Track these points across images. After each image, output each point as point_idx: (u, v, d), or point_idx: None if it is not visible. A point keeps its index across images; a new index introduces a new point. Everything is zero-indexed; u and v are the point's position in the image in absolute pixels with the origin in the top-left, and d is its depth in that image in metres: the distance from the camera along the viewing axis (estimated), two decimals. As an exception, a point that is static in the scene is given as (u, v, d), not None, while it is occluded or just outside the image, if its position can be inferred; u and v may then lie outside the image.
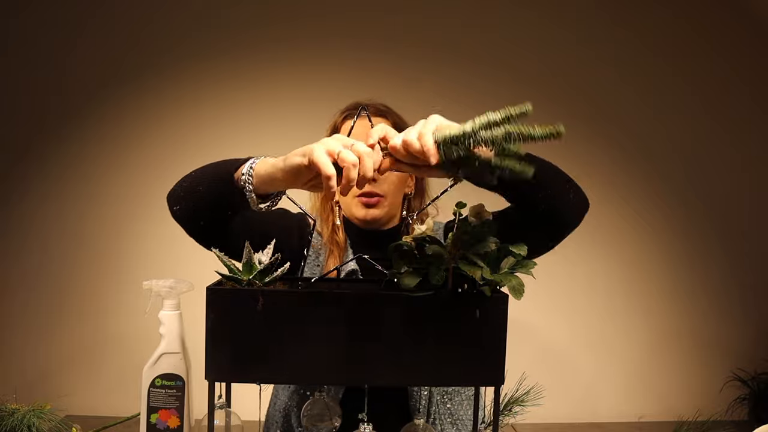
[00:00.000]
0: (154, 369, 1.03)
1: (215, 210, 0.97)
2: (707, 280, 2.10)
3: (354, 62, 2.00)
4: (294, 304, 0.81)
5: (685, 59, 2.06)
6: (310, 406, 0.96)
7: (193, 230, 1.02)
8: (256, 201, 0.91)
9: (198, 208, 0.97)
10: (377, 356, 0.82)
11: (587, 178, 2.02)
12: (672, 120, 2.07)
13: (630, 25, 2.04)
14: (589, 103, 2.05)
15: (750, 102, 2.09)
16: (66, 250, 1.99)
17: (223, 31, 1.99)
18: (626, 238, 2.09)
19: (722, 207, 2.10)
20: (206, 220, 0.99)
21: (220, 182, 0.93)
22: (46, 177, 1.99)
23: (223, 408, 0.90)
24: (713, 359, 2.09)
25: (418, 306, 0.81)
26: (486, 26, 1.96)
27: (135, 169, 1.99)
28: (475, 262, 0.81)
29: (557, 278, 2.04)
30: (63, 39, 1.97)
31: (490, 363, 0.83)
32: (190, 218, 1.00)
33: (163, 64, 1.99)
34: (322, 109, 1.32)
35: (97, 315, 2.00)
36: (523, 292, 0.80)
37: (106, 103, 1.99)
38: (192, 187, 0.97)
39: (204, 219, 0.99)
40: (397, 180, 1.18)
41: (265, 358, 0.81)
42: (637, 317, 2.09)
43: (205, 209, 0.97)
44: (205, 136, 1.99)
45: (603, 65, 2.05)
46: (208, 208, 0.97)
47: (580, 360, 2.09)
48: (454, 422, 1.18)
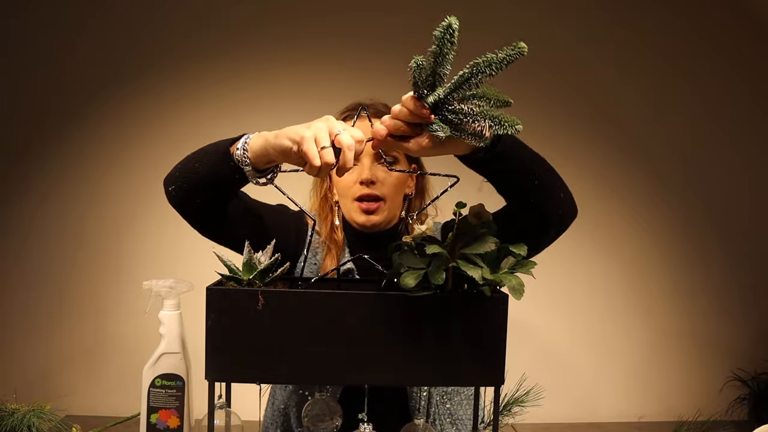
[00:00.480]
0: (154, 369, 1.03)
1: (212, 187, 0.96)
2: (707, 280, 2.10)
3: (354, 62, 2.00)
4: (294, 304, 0.81)
5: (685, 59, 2.06)
6: (311, 406, 0.96)
7: (189, 211, 1.01)
8: (254, 174, 0.91)
9: (195, 186, 0.97)
10: (377, 356, 0.82)
11: (587, 177, 2.05)
12: (672, 120, 2.07)
13: (630, 26, 2.04)
14: (589, 103, 2.05)
15: (750, 103, 2.08)
16: (66, 250, 2.00)
17: (223, 31, 1.99)
18: (626, 238, 2.09)
19: (722, 207, 2.10)
20: (203, 198, 0.98)
21: (217, 158, 0.93)
22: (46, 177, 1.99)
23: (223, 408, 0.90)
24: (713, 359, 2.09)
25: (418, 306, 0.81)
26: (486, 26, 1.96)
27: (135, 169, 1.99)
28: (475, 262, 0.81)
29: (557, 278, 2.04)
30: (63, 39, 1.97)
31: (490, 363, 0.83)
32: (186, 197, 0.98)
33: (163, 64, 1.99)
34: (322, 109, 1.31)
35: (97, 315, 2.00)
36: (523, 292, 0.80)
37: (106, 103, 1.99)
38: (189, 166, 0.97)
39: (201, 197, 0.98)
40: (398, 182, 1.17)
41: (265, 358, 0.81)
42: (637, 317, 2.09)
43: (202, 187, 0.96)
44: (205, 136, 1.97)
45: (603, 65, 2.05)
46: (205, 186, 0.96)
47: (580, 360, 2.09)
48: (453, 422, 1.18)
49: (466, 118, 0.75)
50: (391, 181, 1.15)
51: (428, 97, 0.75)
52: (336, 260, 1.20)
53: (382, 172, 1.14)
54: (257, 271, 0.85)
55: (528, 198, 0.95)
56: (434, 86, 0.74)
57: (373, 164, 1.14)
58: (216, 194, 0.98)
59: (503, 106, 0.75)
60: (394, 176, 1.15)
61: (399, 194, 1.20)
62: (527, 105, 1.95)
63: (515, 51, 0.70)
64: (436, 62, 0.72)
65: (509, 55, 0.70)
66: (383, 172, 1.14)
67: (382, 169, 1.14)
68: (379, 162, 1.14)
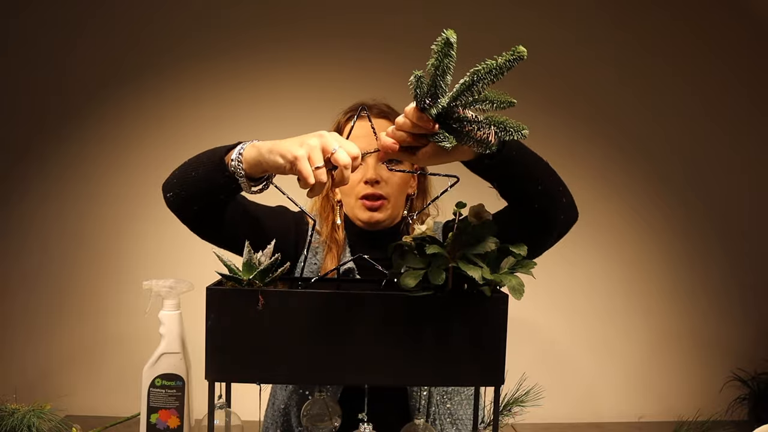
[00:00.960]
0: (154, 369, 1.03)
1: (209, 195, 0.97)
2: (707, 280, 2.10)
3: (354, 62, 2.00)
4: (294, 304, 0.81)
5: (685, 60, 2.06)
6: (310, 406, 0.96)
7: (187, 217, 1.02)
8: (248, 185, 0.92)
9: (191, 194, 0.98)
10: (377, 356, 0.82)
11: (587, 178, 2.05)
12: (671, 121, 2.07)
13: (630, 26, 2.04)
14: (589, 104, 2.05)
15: (749, 103, 2.08)
16: (66, 250, 2.00)
17: (223, 31, 1.99)
18: (626, 239, 2.09)
19: (722, 207, 2.10)
20: (200, 205, 0.99)
21: (212, 167, 0.94)
22: (46, 177, 1.99)
23: (223, 408, 0.90)
24: (713, 359, 2.09)
25: (418, 306, 0.81)
26: (486, 26, 1.96)
27: (135, 169, 1.99)
28: (475, 262, 0.81)
29: (557, 278, 2.04)
30: (63, 39, 1.97)
31: (490, 363, 0.83)
32: (183, 204, 1.00)
33: (163, 64, 1.99)
34: (322, 110, 1.32)
35: (97, 315, 2.00)
36: (523, 292, 0.80)
37: (106, 103, 1.99)
38: (185, 173, 0.98)
39: (198, 204, 0.99)
40: (401, 182, 1.18)
41: (265, 358, 0.81)
42: (637, 317, 2.09)
43: (198, 195, 0.97)
44: (206, 137, 1.98)
45: (603, 66, 2.05)
46: (201, 193, 0.97)
47: (580, 360, 2.09)
48: (453, 422, 1.18)
49: (471, 125, 0.75)
50: (395, 180, 1.17)
51: (431, 109, 0.75)
52: (337, 260, 1.21)
53: (386, 172, 1.16)
54: (257, 271, 0.85)
55: (532, 203, 0.95)
56: (436, 97, 0.74)
57: (377, 164, 1.15)
58: (213, 201, 0.99)
59: (507, 106, 0.74)
60: (398, 176, 1.17)
61: (402, 194, 1.21)
62: (527, 105, 1.94)
63: (515, 56, 0.69)
64: (436, 75, 0.72)
65: (509, 61, 0.70)
66: (387, 172, 1.15)
67: (386, 168, 1.15)
68: (383, 162, 1.15)
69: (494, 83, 0.72)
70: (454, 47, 0.70)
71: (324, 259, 1.22)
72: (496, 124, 0.75)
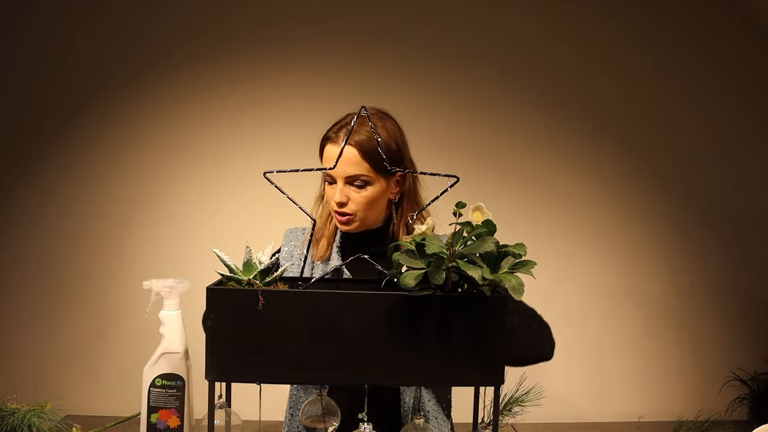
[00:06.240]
0: (154, 369, 1.03)
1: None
2: (707, 280, 2.10)
3: (354, 62, 2.00)
4: (294, 304, 0.81)
5: (685, 60, 2.06)
6: (308, 406, 0.96)
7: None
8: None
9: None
10: (377, 356, 0.82)
11: (587, 178, 2.04)
12: (670, 121, 2.07)
13: (630, 27, 2.04)
14: (588, 104, 2.04)
15: (749, 104, 2.08)
16: (66, 250, 2.00)
17: (224, 31, 1.99)
18: (625, 239, 2.09)
19: (721, 207, 2.10)
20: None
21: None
22: (46, 177, 1.99)
23: (223, 408, 0.90)
24: (713, 359, 2.09)
25: (418, 306, 0.81)
26: (486, 26, 1.96)
27: (135, 169, 1.99)
28: (475, 262, 0.81)
29: (557, 278, 2.04)
30: (63, 39, 1.97)
31: (490, 363, 0.83)
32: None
33: (164, 65, 1.99)
34: (322, 110, 1.32)
35: (98, 315, 2.00)
36: (523, 292, 0.80)
37: (106, 103, 1.99)
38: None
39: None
40: (365, 200, 1.20)
41: (265, 358, 0.81)
42: (636, 317, 2.09)
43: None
44: (206, 137, 1.99)
45: (603, 66, 2.04)
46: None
47: (579, 360, 2.09)
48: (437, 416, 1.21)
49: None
50: (360, 200, 1.19)
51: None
52: (328, 245, 1.27)
53: (354, 192, 1.19)
54: (257, 271, 0.85)
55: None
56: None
57: (345, 186, 1.19)
58: None
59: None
60: (361, 195, 1.19)
61: (371, 207, 1.22)
62: (527, 106, 1.96)
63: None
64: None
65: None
66: (355, 192, 1.19)
67: (355, 189, 1.19)
68: (352, 184, 1.18)
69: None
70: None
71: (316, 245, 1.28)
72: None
